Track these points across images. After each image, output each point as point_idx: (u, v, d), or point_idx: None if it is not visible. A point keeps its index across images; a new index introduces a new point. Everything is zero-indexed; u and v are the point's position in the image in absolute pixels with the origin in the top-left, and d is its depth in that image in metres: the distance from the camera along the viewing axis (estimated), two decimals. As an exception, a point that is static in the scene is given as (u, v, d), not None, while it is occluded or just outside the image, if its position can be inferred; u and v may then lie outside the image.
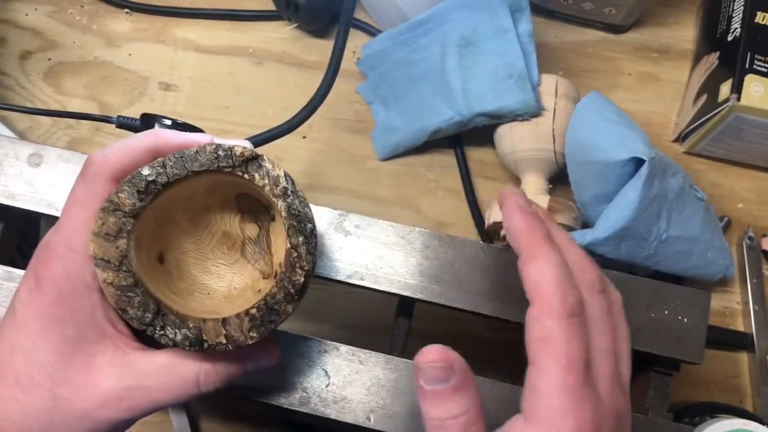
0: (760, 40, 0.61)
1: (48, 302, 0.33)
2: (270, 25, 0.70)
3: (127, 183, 0.34)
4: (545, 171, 0.61)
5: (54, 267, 0.34)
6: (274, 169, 0.35)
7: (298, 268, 0.35)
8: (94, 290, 0.34)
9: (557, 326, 0.31)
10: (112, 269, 0.34)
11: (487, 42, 0.61)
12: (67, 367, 0.34)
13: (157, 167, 0.35)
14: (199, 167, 0.35)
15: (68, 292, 0.33)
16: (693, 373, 0.60)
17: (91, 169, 0.35)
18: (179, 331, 0.34)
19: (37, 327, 0.33)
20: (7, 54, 0.68)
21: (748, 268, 0.63)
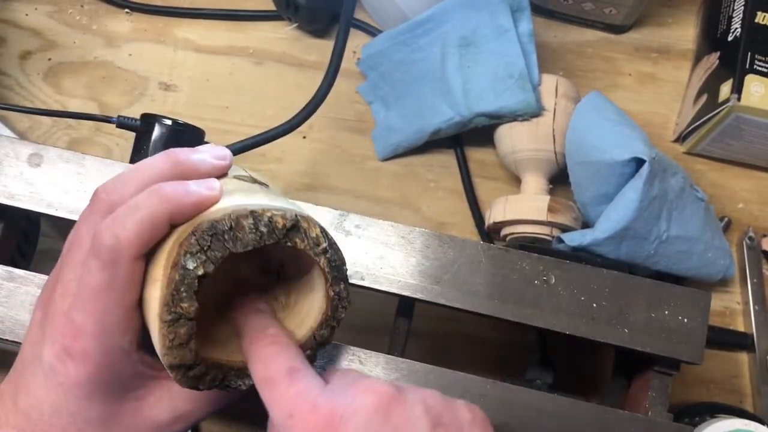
0: (760, 40, 0.61)
1: (90, 374, 0.34)
2: (270, 25, 0.70)
3: (182, 286, 0.32)
4: (545, 171, 0.61)
5: (88, 344, 0.33)
6: (310, 228, 0.35)
7: (341, 308, 0.38)
8: (132, 352, 0.35)
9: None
10: (186, 368, 0.33)
11: (487, 42, 0.61)
12: (119, 416, 0.35)
13: (198, 255, 0.32)
14: (243, 248, 0.33)
15: (109, 363, 0.34)
16: (693, 373, 0.60)
17: (105, 253, 0.32)
18: (243, 381, 0.36)
19: (81, 393, 0.34)
20: (7, 54, 0.68)
21: (749, 268, 0.63)
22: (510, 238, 0.60)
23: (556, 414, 0.47)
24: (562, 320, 0.48)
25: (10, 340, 0.45)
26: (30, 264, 0.57)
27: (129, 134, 0.54)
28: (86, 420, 0.34)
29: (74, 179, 0.48)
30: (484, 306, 0.48)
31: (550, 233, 0.58)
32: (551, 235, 0.58)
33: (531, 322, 0.48)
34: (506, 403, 0.47)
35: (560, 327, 0.48)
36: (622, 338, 0.48)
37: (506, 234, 0.60)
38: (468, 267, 0.48)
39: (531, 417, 0.47)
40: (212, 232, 0.32)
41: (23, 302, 0.46)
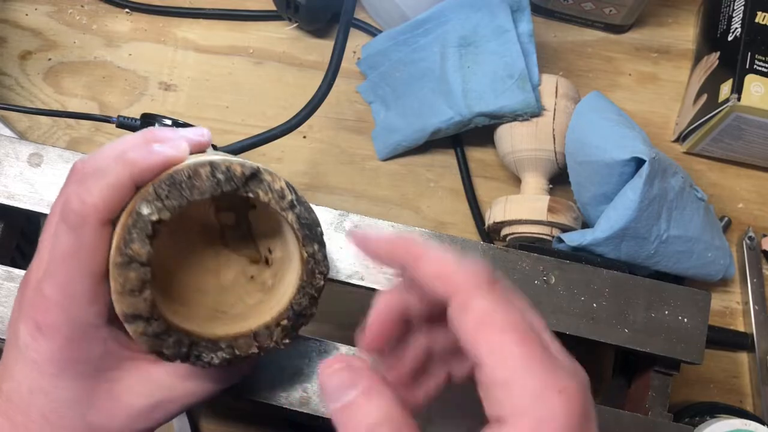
0: (760, 40, 0.61)
1: (58, 348, 0.33)
2: (270, 25, 0.70)
3: (134, 230, 0.32)
4: (545, 171, 0.61)
5: (55, 315, 0.33)
6: (274, 181, 0.34)
7: (318, 273, 0.36)
8: (100, 327, 0.34)
9: (487, 300, 0.26)
10: (143, 321, 0.32)
11: (487, 42, 0.61)
12: (92, 398, 0.34)
13: (155, 203, 0.32)
14: (200, 195, 0.33)
15: (76, 337, 0.33)
16: (693, 373, 0.60)
17: (72, 217, 0.32)
18: (215, 354, 0.34)
19: (53, 369, 0.34)
20: (7, 54, 0.68)
21: (748, 268, 0.63)
22: (510, 238, 0.60)
23: (556, 414, 0.47)
24: (562, 320, 0.48)
25: (10, 340, 0.45)
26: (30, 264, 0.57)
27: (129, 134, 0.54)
28: (60, 400, 0.34)
29: (74, 179, 0.48)
30: (484, 306, 0.48)
31: (550, 233, 0.58)
32: (551, 235, 0.58)
33: (531, 322, 0.48)
34: (506, 403, 0.47)
35: (560, 327, 0.48)
36: (622, 338, 0.48)
37: (506, 234, 0.60)
38: (468, 267, 0.48)
39: (531, 417, 0.47)
40: (170, 182, 0.32)
41: (23, 302, 0.46)
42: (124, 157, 0.33)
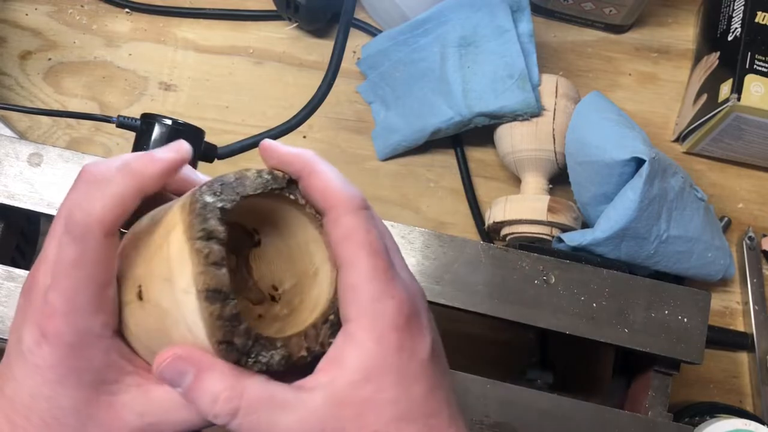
0: (760, 40, 0.61)
1: (61, 356, 0.33)
2: (270, 25, 0.70)
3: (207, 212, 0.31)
4: (545, 171, 0.61)
5: (59, 324, 0.33)
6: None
7: None
8: (105, 337, 0.34)
9: (355, 220, 0.32)
10: (220, 300, 0.31)
11: (487, 42, 0.61)
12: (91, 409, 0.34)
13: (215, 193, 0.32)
14: (253, 190, 0.33)
15: (79, 345, 0.33)
16: (693, 373, 0.60)
17: (77, 229, 0.32)
18: (274, 353, 0.33)
19: (54, 377, 0.33)
20: (7, 54, 0.68)
21: (748, 268, 0.63)
22: (510, 238, 0.60)
23: (556, 414, 0.47)
24: (562, 320, 0.48)
25: (10, 340, 0.45)
26: (30, 264, 0.57)
27: (129, 134, 0.54)
28: (61, 407, 0.33)
29: (74, 179, 0.48)
30: (484, 306, 0.48)
31: (550, 233, 0.58)
32: (551, 235, 0.58)
33: (531, 322, 0.48)
34: (506, 403, 0.47)
35: (560, 327, 0.48)
36: (622, 338, 0.48)
37: (506, 234, 0.60)
38: (468, 267, 0.48)
39: (531, 417, 0.47)
40: (220, 182, 0.32)
41: (23, 302, 0.46)
42: (127, 168, 0.33)
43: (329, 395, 0.31)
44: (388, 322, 0.31)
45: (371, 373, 0.31)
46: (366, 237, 0.32)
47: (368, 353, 0.31)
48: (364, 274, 0.31)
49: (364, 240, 0.32)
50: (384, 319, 0.31)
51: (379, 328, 0.31)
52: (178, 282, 0.31)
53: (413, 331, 0.32)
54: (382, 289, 0.31)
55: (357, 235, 0.32)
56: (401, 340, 0.31)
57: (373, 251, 0.32)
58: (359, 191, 0.33)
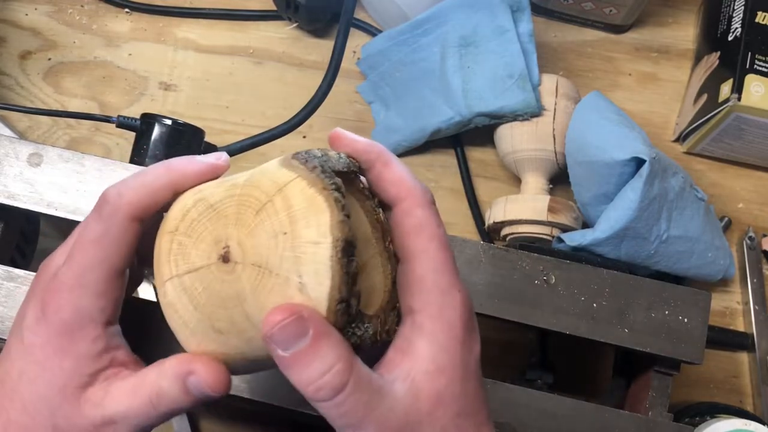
0: (760, 39, 0.61)
1: (53, 333, 0.33)
2: (270, 25, 0.70)
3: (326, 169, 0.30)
4: (545, 171, 0.61)
5: (62, 299, 0.33)
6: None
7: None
8: (99, 325, 0.34)
9: (428, 212, 0.33)
10: (350, 254, 0.29)
11: (487, 42, 0.61)
12: (61, 398, 0.34)
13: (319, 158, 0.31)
14: (340, 168, 0.32)
15: (74, 326, 0.33)
16: (693, 373, 0.60)
17: (106, 208, 0.34)
18: (368, 326, 0.31)
19: (41, 356, 0.34)
20: (7, 54, 0.68)
21: (749, 268, 0.63)
22: (510, 238, 0.60)
23: (556, 414, 0.47)
24: (562, 320, 0.48)
25: (9, 340, 0.45)
26: (30, 264, 0.57)
27: (129, 134, 0.54)
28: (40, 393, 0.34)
29: (74, 179, 0.48)
30: (484, 306, 0.48)
31: (550, 233, 0.58)
32: (551, 235, 0.58)
33: (531, 322, 0.48)
34: (506, 403, 0.47)
35: (560, 327, 0.48)
36: (622, 338, 0.48)
37: (506, 234, 0.60)
38: (468, 267, 0.48)
39: (531, 417, 0.47)
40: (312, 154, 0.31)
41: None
42: (167, 164, 0.35)
43: (409, 387, 0.31)
44: (457, 314, 0.31)
45: (444, 364, 0.31)
46: (437, 230, 0.33)
47: (439, 344, 0.31)
48: (435, 265, 0.32)
49: (435, 233, 0.32)
50: (452, 311, 0.31)
51: (447, 320, 0.31)
52: (303, 234, 0.29)
53: (472, 328, 0.33)
54: (450, 282, 0.32)
55: (429, 227, 0.32)
56: (465, 335, 0.32)
57: (443, 245, 0.32)
58: (429, 189, 0.34)
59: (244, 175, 0.33)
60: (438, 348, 0.31)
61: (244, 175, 0.33)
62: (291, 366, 0.29)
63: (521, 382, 0.50)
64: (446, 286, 0.32)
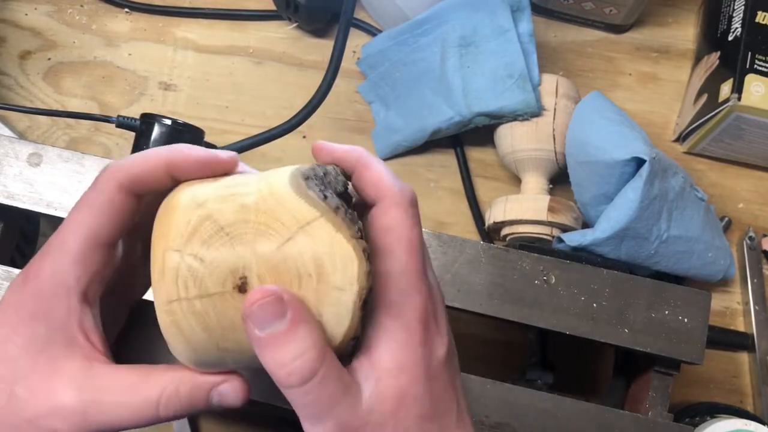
0: (760, 39, 0.61)
1: (28, 297, 0.33)
2: (270, 25, 0.70)
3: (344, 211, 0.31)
4: (545, 171, 0.61)
5: (42, 265, 0.33)
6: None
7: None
8: (73, 294, 0.33)
9: (402, 214, 0.33)
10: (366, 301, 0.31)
11: (487, 42, 0.61)
12: (30, 366, 0.33)
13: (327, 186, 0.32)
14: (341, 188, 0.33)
15: (48, 291, 0.33)
16: (693, 373, 0.60)
17: (102, 175, 0.34)
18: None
19: (13, 319, 0.33)
20: (6, 54, 0.68)
21: (749, 268, 0.63)
22: (510, 238, 0.60)
23: (556, 414, 0.47)
24: (562, 320, 0.48)
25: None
26: (30, 264, 0.57)
27: (128, 134, 0.54)
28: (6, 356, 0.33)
29: (73, 179, 0.48)
30: (484, 306, 0.48)
31: (550, 233, 0.58)
32: (551, 235, 0.58)
33: (531, 322, 0.48)
34: (506, 403, 0.47)
35: (560, 327, 0.48)
36: (622, 338, 0.48)
37: (506, 234, 0.60)
38: (468, 267, 0.48)
39: (531, 417, 0.47)
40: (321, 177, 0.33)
41: (23, 302, 0.46)
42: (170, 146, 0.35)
43: (374, 386, 0.31)
44: (415, 315, 0.32)
45: (404, 363, 0.32)
46: (408, 232, 0.33)
47: (399, 343, 0.32)
48: (399, 266, 0.32)
49: (406, 234, 0.33)
50: (411, 312, 0.32)
51: (405, 320, 0.32)
52: (329, 279, 0.30)
53: (433, 332, 0.33)
54: (411, 284, 0.32)
55: (401, 228, 0.33)
56: (424, 336, 0.32)
57: (412, 247, 0.33)
58: (411, 189, 0.34)
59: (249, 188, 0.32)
60: (397, 346, 0.32)
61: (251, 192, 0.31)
62: (265, 346, 0.29)
63: (521, 382, 0.50)
64: (407, 287, 0.32)
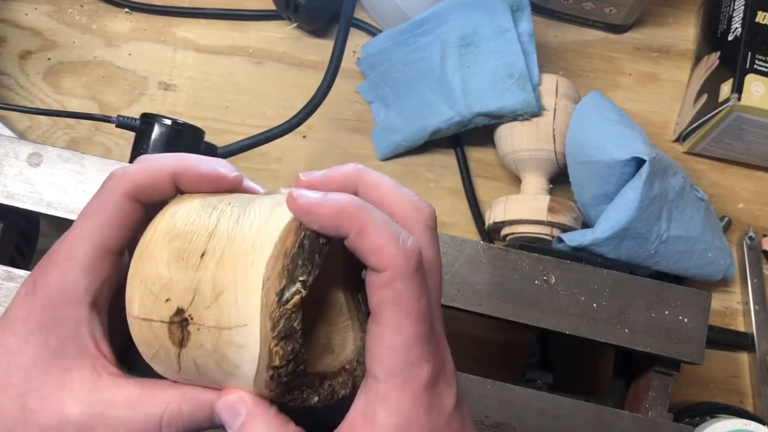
0: (760, 39, 0.61)
1: (38, 307, 0.33)
2: (270, 24, 0.70)
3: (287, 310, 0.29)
4: (545, 171, 0.61)
5: (50, 273, 0.33)
6: None
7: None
8: (83, 304, 0.33)
9: (408, 286, 0.31)
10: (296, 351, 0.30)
11: (487, 42, 0.61)
12: (42, 377, 0.33)
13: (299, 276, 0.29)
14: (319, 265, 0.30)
15: (58, 301, 0.33)
16: (693, 373, 0.60)
17: (108, 183, 0.34)
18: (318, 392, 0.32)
19: (23, 330, 0.33)
20: (7, 54, 0.68)
21: (749, 268, 0.63)
22: (510, 238, 0.60)
23: (556, 414, 0.47)
24: (562, 320, 0.48)
25: (9, 340, 0.45)
26: (29, 264, 0.57)
27: (128, 134, 0.54)
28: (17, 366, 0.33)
29: (74, 179, 0.48)
30: (484, 306, 0.48)
31: (550, 233, 0.58)
32: (551, 235, 0.58)
33: (531, 322, 0.48)
34: (506, 403, 0.47)
35: (560, 327, 0.48)
36: (622, 338, 0.48)
37: (506, 234, 0.60)
38: (468, 267, 0.48)
39: (531, 417, 0.47)
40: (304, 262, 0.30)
41: (23, 302, 0.46)
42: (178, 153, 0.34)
43: None
44: (422, 384, 0.31)
45: None
46: (416, 305, 0.31)
47: (402, 415, 0.31)
48: (406, 340, 0.31)
49: (413, 307, 0.31)
50: (418, 383, 0.31)
51: (412, 390, 0.31)
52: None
53: (441, 387, 0.32)
54: (419, 355, 0.31)
55: (408, 301, 0.31)
56: (431, 399, 0.32)
57: (420, 319, 0.31)
58: (415, 245, 0.31)
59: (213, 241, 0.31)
60: (400, 417, 0.31)
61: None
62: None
63: (521, 382, 0.50)
64: (415, 359, 0.31)
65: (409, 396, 0.31)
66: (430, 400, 0.32)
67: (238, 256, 0.29)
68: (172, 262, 0.30)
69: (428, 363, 0.31)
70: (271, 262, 0.29)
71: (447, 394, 0.33)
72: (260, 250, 0.29)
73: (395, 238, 0.31)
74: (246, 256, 0.29)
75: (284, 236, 0.29)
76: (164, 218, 0.32)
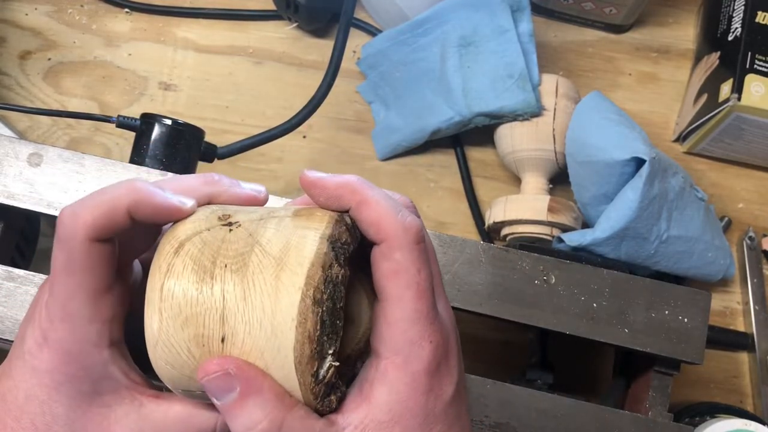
0: (760, 39, 0.61)
1: (59, 362, 0.33)
2: (270, 24, 0.70)
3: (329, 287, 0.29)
4: (545, 171, 0.61)
5: (59, 329, 0.33)
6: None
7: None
8: (102, 348, 0.34)
9: (408, 256, 0.31)
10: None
11: (487, 42, 0.61)
12: (83, 420, 0.34)
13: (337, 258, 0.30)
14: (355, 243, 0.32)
15: (77, 353, 0.33)
16: (693, 373, 0.60)
17: (62, 231, 0.32)
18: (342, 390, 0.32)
19: (50, 382, 0.33)
20: (7, 54, 0.68)
21: (749, 268, 0.63)
22: (510, 238, 0.60)
23: (556, 414, 0.47)
24: (562, 320, 0.48)
25: (10, 340, 0.45)
26: (30, 264, 0.57)
27: (129, 134, 0.54)
28: (53, 413, 0.33)
29: (74, 179, 0.48)
30: (484, 306, 0.48)
31: (550, 233, 0.58)
32: (551, 235, 0.58)
33: (531, 322, 0.48)
34: (506, 403, 0.47)
35: (560, 327, 0.48)
36: (622, 338, 0.48)
37: (506, 234, 0.60)
38: (468, 267, 0.48)
39: (531, 417, 0.47)
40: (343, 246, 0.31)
41: (23, 302, 0.46)
42: (129, 184, 0.33)
43: None
44: (423, 366, 0.31)
45: (401, 416, 0.31)
46: (415, 276, 0.31)
47: (399, 395, 0.31)
48: (407, 314, 0.31)
49: (413, 279, 0.31)
50: (419, 363, 0.31)
51: (412, 371, 0.31)
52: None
53: (443, 373, 0.32)
54: (421, 333, 0.31)
55: (407, 273, 0.31)
56: (431, 383, 0.31)
57: (420, 292, 0.31)
58: (416, 220, 0.32)
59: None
60: (396, 398, 0.31)
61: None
62: (224, 413, 0.31)
63: (521, 382, 0.50)
64: (416, 337, 0.31)
65: (409, 376, 0.31)
66: (430, 384, 0.31)
67: (260, 341, 0.30)
68: (194, 349, 0.30)
69: (430, 344, 0.31)
70: (297, 348, 0.29)
71: (447, 382, 0.32)
72: (283, 335, 0.29)
73: (394, 211, 0.32)
74: (269, 342, 0.29)
75: (303, 318, 0.29)
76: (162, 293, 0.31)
